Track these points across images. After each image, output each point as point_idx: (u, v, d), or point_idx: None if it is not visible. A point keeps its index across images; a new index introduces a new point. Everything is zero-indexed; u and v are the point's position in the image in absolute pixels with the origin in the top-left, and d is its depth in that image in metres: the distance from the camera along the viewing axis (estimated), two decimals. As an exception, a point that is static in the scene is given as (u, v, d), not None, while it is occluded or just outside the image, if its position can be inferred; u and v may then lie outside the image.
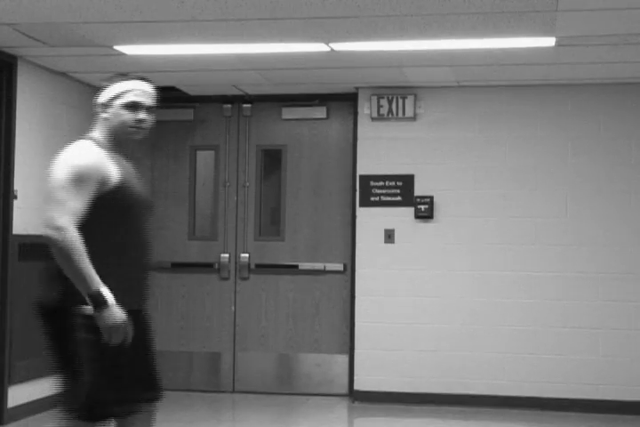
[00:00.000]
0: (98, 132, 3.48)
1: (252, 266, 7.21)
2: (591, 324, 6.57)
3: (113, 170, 3.33)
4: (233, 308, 7.24)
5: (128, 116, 3.43)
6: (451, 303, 6.74)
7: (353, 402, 6.83)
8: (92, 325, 3.20)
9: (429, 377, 6.75)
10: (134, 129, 3.45)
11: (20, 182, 6.01)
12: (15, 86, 5.97)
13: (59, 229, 3.16)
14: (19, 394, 6.01)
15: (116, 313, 3.19)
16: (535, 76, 6.47)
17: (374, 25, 5.03)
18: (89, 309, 3.20)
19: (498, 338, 6.68)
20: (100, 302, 3.17)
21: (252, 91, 7.14)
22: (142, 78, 3.52)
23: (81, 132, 6.91)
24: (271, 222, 7.35)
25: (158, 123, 7.34)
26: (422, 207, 6.76)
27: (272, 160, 7.30)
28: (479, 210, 6.75)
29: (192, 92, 7.17)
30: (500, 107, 6.78)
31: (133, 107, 3.44)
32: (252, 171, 7.28)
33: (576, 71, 6.29)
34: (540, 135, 6.73)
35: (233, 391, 7.19)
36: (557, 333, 6.61)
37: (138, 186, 3.46)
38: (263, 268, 7.21)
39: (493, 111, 6.79)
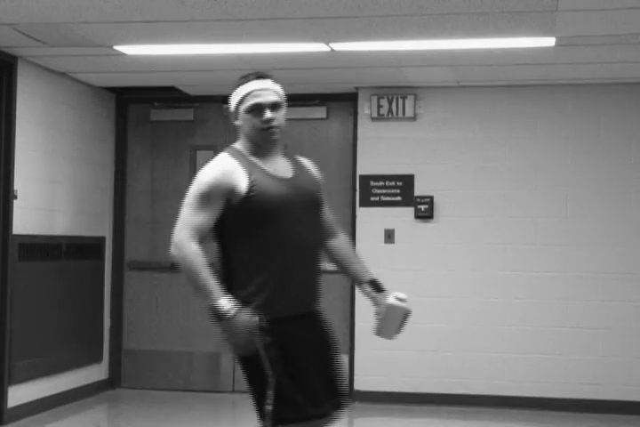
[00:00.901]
0: (239, 141, 3.42)
1: (253, 266, 7.19)
2: (591, 324, 6.57)
3: (243, 179, 3.25)
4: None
5: (254, 119, 3.33)
6: (451, 303, 6.74)
7: (353, 402, 6.83)
8: (266, 329, 3.22)
9: (429, 377, 6.75)
10: (266, 131, 3.34)
11: (19, 182, 6.00)
12: (15, 86, 5.97)
13: (175, 244, 3.29)
14: (19, 394, 6.01)
15: (239, 325, 3.18)
16: (535, 76, 6.46)
17: (374, 25, 5.02)
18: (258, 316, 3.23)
19: (498, 338, 6.67)
20: (219, 314, 3.18)
21: (252, 91, 7.12)
22: (260, 76, 3.46)
23: (81, 132, 6.93)
24: (271, 222, 7.33)
25: (158, 123, 7.44)
26: (422, 207, 6.76)
27: (272, 160, 7.29)
28: (479, 210, 6.75)
29: (192, 92, 7.16)
30: (500, 107, 6.78)
31: (256, 109, 3.34)
32: (252, 171, 7.27)
33: (576, 71, 6.29)
34: (539, 135, 6.73)
35: (233, 391, 7.18)
36: (557, 333, 6.61)
37: (282, 187, 3.31)
38: (263, 268, 7.18)
39: (493, 111, 6.79)
